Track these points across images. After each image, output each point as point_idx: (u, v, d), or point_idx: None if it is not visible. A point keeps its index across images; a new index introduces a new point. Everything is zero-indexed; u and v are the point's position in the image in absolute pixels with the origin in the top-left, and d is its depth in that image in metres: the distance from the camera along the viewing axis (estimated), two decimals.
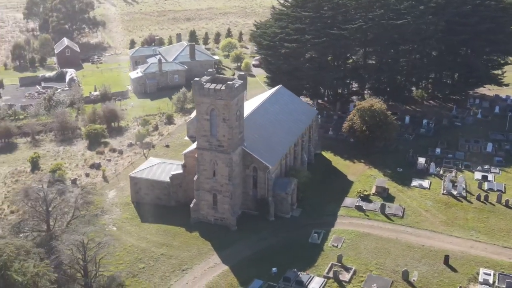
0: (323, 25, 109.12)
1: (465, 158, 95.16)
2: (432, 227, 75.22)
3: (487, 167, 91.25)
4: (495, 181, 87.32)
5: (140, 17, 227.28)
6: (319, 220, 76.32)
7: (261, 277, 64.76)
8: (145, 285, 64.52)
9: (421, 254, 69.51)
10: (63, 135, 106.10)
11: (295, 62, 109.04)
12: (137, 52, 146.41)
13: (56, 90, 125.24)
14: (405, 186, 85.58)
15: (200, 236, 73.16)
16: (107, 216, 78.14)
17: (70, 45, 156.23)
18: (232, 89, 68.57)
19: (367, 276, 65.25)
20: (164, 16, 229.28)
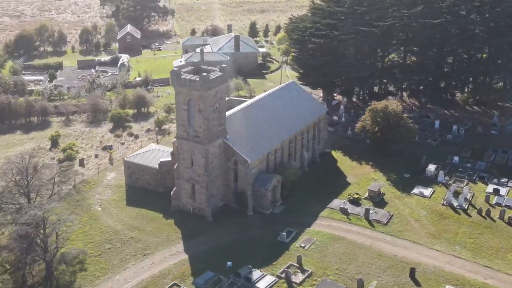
0: (355, 22, 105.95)
1: (485, 169, 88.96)
2: (414, 237, 71.42)
3: (505, 180, 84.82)
4: (506, 195, 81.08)
5: (217, 7, 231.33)
6: (298, 219, 74.80)
7: (215, 270, 64.67)
8: (103, 265, 66.56)
9: (390, 264, 66.36)
10: (94, 117, 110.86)
11: (322, 58, 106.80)
12: (188, 41, 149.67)
13: (99, 74, 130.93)
14: (404, 192, 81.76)
15: (174, 223, 74.20)
16: (97, 196, 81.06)
17: (131, 31, 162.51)
18: (206, 81, 68.75)
19: (321, 281, 63.31)
20: (240, 7, 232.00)
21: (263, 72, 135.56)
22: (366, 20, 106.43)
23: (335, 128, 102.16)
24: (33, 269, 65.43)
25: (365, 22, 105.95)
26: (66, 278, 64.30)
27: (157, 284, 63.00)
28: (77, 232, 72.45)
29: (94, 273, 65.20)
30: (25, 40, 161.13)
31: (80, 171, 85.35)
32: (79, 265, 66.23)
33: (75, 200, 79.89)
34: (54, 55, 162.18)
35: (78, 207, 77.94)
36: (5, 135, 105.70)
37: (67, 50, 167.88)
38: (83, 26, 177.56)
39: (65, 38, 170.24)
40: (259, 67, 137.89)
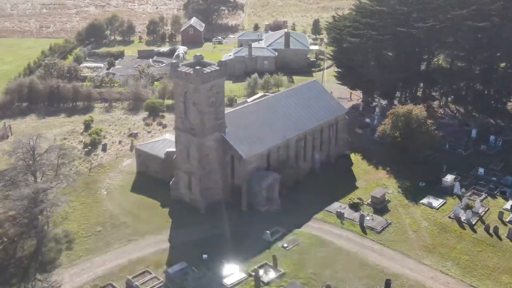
0: (394, 22, 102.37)
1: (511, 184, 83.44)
2: (405, 248, 68.46)
3: None
4: None
5: (293, 3, 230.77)
6: (291, 220, 73.80)
7: (191, 261, 65.37)
8: (89, 246, 69.14)
9: (368, 273, 64.13)
10: (134, 105, 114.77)
11: (357, 58, 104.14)
12: (243, 35, 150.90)
13: (151, 64, 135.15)
14: (412, 201, 78.49)
15: (168, 213, 75.63)
16: (108, 181, 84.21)
17: (194, 24, 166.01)
18: (199, 74, 69.43)
19: (289, 283, 62.32)
20: (317, 4, 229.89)
21: (312, 70, 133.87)
22: (406, 21, 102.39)
23: (364, 131, 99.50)
24: (25, 244, 68.87)
25: (405, 22, 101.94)
26: (51, 255, 67.28)
27: (130, 269, 64.60)
28: (76, 213, 75.70)
29: (78, 252, 67.84)
30: (96, 28, 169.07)
31: (78, 154, 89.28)
32: (67, 244, 68.99)
33: (85, 182, 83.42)
34: (122, 44, 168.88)
35: (86, 190, 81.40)
36: (50, 117, 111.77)
37: (135, 40, 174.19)
38: (150, 17, 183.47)
39: (134, 28, 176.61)
40: (310, 65, 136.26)
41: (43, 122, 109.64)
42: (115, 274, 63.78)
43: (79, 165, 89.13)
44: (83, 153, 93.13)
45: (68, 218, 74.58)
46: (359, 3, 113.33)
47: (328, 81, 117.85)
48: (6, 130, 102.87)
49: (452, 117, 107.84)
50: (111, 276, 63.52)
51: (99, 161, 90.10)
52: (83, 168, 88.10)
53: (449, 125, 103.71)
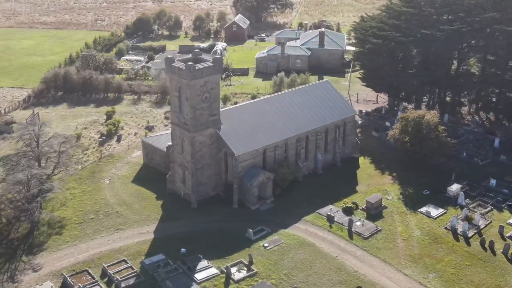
0: (419, 23, 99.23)
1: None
2: (389, 257, 66.54)
3: None
4: None
5: (348, 2, 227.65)
6: (279, 219, 73.34)
7: (170, 254, 66.28)
8: (77, 232, 71.38)
9: (344, 279, 62.86)
10: (161, 99, 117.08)
11: (379, 60, 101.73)
12: (282, 34, 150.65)
13: None
14: (411, 209, 76.12)
15: (161, 205, 76.83)
16: (113, 171, 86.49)
17: (238, 21, 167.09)
18: (191, 70, 70.09)
19: (259, 283, 62.03)
20: (373, 5, 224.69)
21: (346, 70, 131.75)
22: (432, 23, 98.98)
23: (379, 134, 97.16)
24: (20, 226, 71.92)
25: (431, 25, 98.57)
26: (41, 238, 69.95)
27: (110, 257, 66.15)
28: (75, 200, 78.26)
29: (66, 238, 70.15)
30: (143, 23, 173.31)
31: (82, 143, 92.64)
32: (58, 229, 71.49)
33: (92, 171, 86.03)
34: (168, 39, 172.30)
35: (90, 178, 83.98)
36: (80, 107, 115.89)
37: (181, 35, 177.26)
38: (196, 13, 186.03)
39: (181, 23, 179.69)
40: (344, 65, 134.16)
41: (72, 111, 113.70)
42: (94, 261, 65.50)
43: (91, 154, 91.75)
44: (97, 143, 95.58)
45: (66, 204, 77.24)
46: (389, 3, 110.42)
47: (355, 83, 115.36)
48: (34, 117, 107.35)
49: (479, 124, 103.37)
50: (90, 263, 65.31)
51: (110, 151, 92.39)
52: (94, 157, 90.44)
53: (473, 132, 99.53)
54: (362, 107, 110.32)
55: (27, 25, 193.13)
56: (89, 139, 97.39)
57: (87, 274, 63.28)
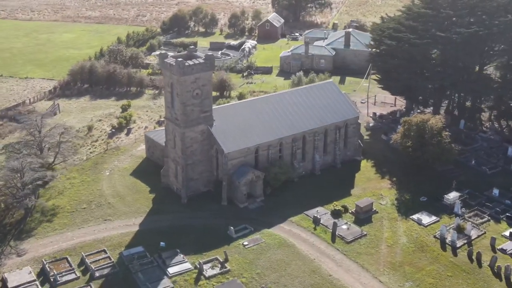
0: (435, 26, 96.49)
1: None
2: (368, 263, 65.24)
3: None
4: None
5: (393, 3, 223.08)
6: (265, 219, 73.07)
7: (148, 247, 67.28)
8: (67, 221, 73.30)
9: (316, 282, 62.17)
10: None
11: (392, 61, 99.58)
12: (310, 33, 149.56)
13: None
14: (403, 216, 74.36)
15: (152, 199, 77.96)
16: (115, 163, 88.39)
17: (271, 19, 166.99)
18: (181, 66, 70.73)
19: (229, 280, 62.13)
20: None
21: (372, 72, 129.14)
22: (449, 25, 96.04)
23: (388, 138, 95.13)
24: (16, 212, 74.53)
25: (448, 27, 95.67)
26: (32, 225, 72.26)
27: (92, 247, 67.70)
28: (72, 189, 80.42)
29: (55, 226, 72.25)
30: (179, 19, 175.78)
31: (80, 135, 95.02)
32: (50, 217, 73.71)
33: (95, 162, 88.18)
34: (203, 35, 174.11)
35: (92, 169, 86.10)
36: (101, 99, 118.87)
37: (216, 32, 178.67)
38: (232, 11, 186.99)
39: (217, 20, 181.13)
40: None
41: (92, 103, 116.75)
42: (75, 250, 67.18)
43: (98, 146, 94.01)
44: (107, 135, 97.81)
45: (63, 193, 79.50)
46: (411, 4, 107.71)
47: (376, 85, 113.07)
48: (55, 108, 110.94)
49: (497, 132, 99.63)
50: (71, 251, 67.03)
51: (117, 144, 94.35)
52: (100, 149, 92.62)
53: (489, 140, 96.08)
54: (377, 110, 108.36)
55: (71, 19, 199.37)
56: (100, 131, 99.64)
57: (66, 262, 64.90)
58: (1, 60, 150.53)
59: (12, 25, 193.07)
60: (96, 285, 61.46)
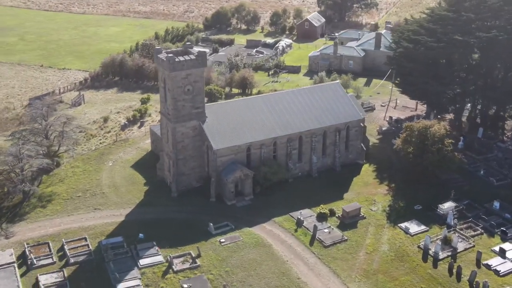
0: (454, 29, 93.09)
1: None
2: (341, 269, 64.06)
3: None
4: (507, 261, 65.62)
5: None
6: (249, 217, 72.96)
7: (128, 238, 68.74)
8: (59, 207, 75.80)
9: (282, 284, 61.66)
10: None
11: (408, 64, 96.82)
12: (345, 33, 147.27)
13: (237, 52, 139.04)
14: (391, 223, 72.51)
15: (145, 191, 79.46)
16: (120, 154, 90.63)
17: (311, 18, 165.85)
18: (171, 62, 71.70)
19: (196, 276, 62.62)
20: None
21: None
22: (470, 29, 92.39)
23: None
24: (15, 196, 77.78)
25: (467, 31, 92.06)
26: (27, 209, 75.22)
27: (75, 233, 69.80)
28: (73, 178, 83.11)
29: (47, 212, 74.89)
30: (221, 16, 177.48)
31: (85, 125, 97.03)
32: (45, 203, 76.53)
33: (101, 153, 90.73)
34: (244, 33, 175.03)
35: (97, 159, 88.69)
36: (128, 92, 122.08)
37: (257, 30, 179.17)
38: (274, 9, 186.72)
39: (258, 18, 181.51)
40: None
41: (118, 95, 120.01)
42: (59, 236, 69.40)
43: (109, 137, 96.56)
44: (119, 127, 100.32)
45: (64, 180, 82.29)
46: (438, 6, 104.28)
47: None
48: (80, 99, 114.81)
49: None
50: (55, 237, 69.29)
51: (127, 136, 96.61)
52: (110, 140, 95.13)
53: (507, 150, 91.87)
54: (396, 114, 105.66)
55: (121, 14, 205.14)
56: (115, 123, 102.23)
57: (46, 247, 67.14)
58: (46, 51, 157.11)
59: (66, 17, 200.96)
60: (68, 271, 63.21)
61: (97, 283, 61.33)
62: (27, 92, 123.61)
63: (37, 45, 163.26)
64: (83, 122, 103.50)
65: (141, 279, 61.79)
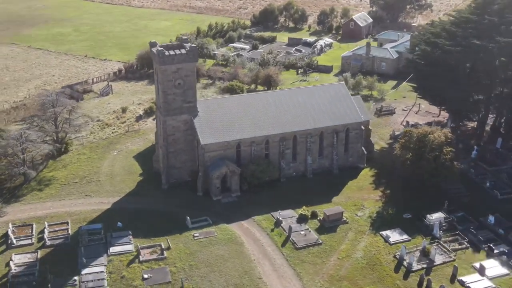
0: (475, 32, 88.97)
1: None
2: (306, 273, 62.97)
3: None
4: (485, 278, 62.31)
5: None
6: (230, 214, 73.05)
7: (108, 225, 70.38)
8: (54, 192, 78.68)
9: (241, 282, 61.36)
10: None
11: (424, 68, 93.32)
12: (385, 34, 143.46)
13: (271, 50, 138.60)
14: (373, 230, 70.55)
15: (138, 181, 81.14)
16: (128, 144, 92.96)
17: (356, 18, 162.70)
18: (160, 56, 72.79)
19: (159, 267, 63.44)
20: None
21: None
22: (491, 34, 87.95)
23: None
24: (17, 178, 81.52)
25: (487, 35, 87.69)
26: (24, 191, 78.71)
27: (60, 217, 72.31)
28: (76, 164, 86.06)
29: (42, 195, 77.97)
30: (268, 13, 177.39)
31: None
32: (43, 187, 79.78)
33: (110, 142, 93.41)
34: (291, 31, 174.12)
35: (105, 147, 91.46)
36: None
37: (305, 28, 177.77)
38: (321, 8, 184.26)
39: (306, 17, 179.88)
40: None
41: (146, 87, 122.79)
42: (45, 218, 72.13)
43: (123, 127, 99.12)
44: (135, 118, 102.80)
45: (66, 166, 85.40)
46: (466, 8, 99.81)
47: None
48: (108, 89, 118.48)
49: None
50: (41, 219, 72.02)
51: (139, 127, 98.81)
52: (122, 130, 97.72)
53: None
54: (415, 119, 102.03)
55: (176, 8, 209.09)
56: (133, 114, 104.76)
57: (30, 228, 69.99)
58: (94, 42, 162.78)
59: (123, 11, 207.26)
60: (42, 253, 65.56)
61: (65, 266, 63.18)
62: (64, 80, 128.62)
63: (88, 36, 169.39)
64: (104, 112, 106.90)
65: (107, 266, 63.07)
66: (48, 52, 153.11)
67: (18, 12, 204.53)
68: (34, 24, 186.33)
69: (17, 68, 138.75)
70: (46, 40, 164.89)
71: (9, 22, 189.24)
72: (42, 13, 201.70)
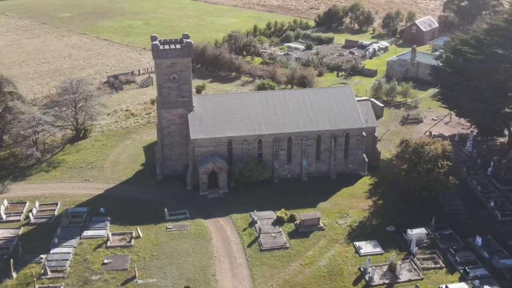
0: (501, 41, 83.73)
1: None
2: (261, 275, 62.23)
3: None
4: None
5: None
6: (212, 209, 73.69)
7: (93, 210, 73.41)
8: (59, 174, 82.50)
9: (193, 277, 61.72)
10: None
11: (447, 77, 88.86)
12: (438, 40, 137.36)
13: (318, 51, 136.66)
14: (348, 239, 68.72)
15: (138, 171, 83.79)
16: (144, 135, 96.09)
17: (419, 23, 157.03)
18: (155, 49, 74.87)
19: (122, 254, 65.40)
20: None
21: None
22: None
23: None
24: (32, 159, 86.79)
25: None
26: (32, 172, 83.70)
27: (53, 198, 76.25)
28: (89, 150, 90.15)
29: (47, 176, 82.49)
30: (332, 15, 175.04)
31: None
32: (51, 169, 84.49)
33: (127, 131, 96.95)
34: (355, 32, 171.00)
35: (121, 136, 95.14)
36: (198, 79, 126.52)
37: (369, 31, 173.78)
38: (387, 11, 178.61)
39: (372, 19, 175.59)
40: None
41: None
42: (39, 198, 76.30)
43: (146, 118, 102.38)
44: None
45: (79, 151, 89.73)
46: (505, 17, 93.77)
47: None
48: (148, 80, 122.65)
49: None
50: (36, 198, 76.06)
51: None
52: (144, 121, 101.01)
53: None
54: (442, 130, 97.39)
55: (248, 6, 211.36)
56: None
57: (22, 206, 74.42)
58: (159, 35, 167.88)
59: (197, 6, 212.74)
60: (25, 229, 69.55)
61: (39, 244, 66.48)
62: (115, 70, 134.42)
63: (155, 29, 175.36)
64: (135, 102, 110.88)
65: (75, 248, 65.84)
66: (112, 43, 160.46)
67: (101, 4, 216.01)
68: (111, 16, 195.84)
69: (78, 57, 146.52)
70: (114, 32, 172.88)
71: (90, 13, 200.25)
72: (122, 6, 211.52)
